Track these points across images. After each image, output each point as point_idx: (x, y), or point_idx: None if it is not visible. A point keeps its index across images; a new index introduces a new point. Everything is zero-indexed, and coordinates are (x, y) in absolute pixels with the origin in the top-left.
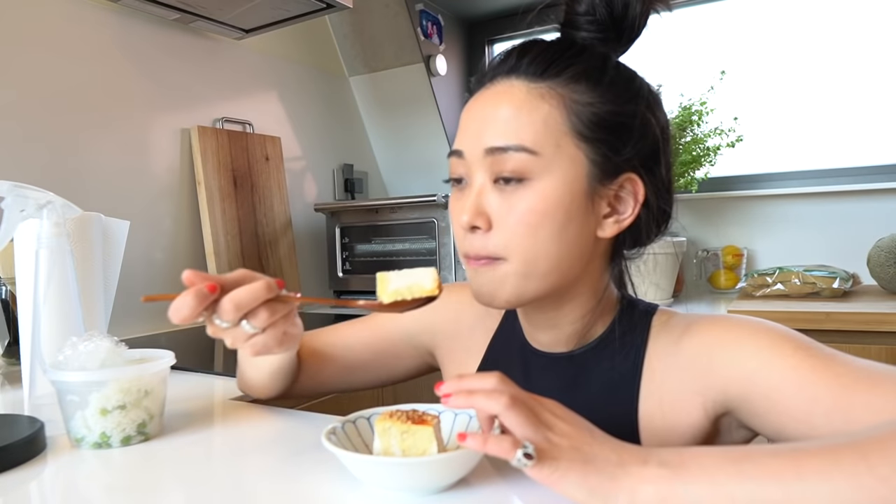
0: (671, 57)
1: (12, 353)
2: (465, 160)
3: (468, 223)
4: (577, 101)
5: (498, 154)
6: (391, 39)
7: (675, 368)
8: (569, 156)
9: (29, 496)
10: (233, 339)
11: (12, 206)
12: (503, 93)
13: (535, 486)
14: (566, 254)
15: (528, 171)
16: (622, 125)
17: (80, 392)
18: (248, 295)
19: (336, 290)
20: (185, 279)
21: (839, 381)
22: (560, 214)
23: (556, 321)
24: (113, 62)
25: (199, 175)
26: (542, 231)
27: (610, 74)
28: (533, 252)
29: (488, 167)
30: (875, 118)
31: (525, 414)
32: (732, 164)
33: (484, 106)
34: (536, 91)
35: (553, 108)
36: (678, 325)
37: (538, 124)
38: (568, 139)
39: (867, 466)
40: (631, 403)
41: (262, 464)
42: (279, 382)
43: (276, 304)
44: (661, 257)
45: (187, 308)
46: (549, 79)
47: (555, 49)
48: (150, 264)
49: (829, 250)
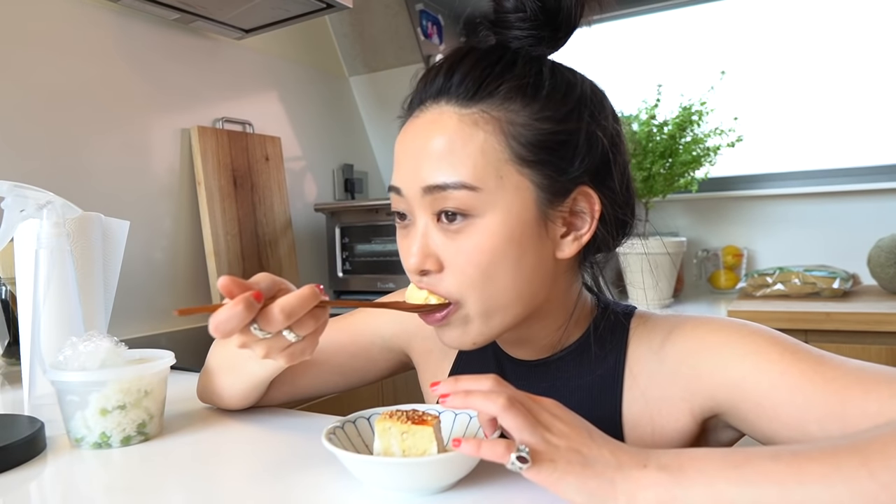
0: (671, 57)
1: (12, 353)
2: (404, 198)
3: (417, 266)
4: (513, 122)
5: (437, 192)
6: (391, 39)
7: (659, 374)
8: (513, 185)
9: (29, 496)
10: (268, 350)
11: (12, 206)
12: (433, 122)
13: (535, 485)
14: (526, 284)
15: (471, 208)
16: (565, 142)
17: (80, 392)
18: (297, 302)
19: (336, 290)
20: (222, 287)
21: (831, 386)
22: (512, 249)
23: (528, 337)
24: (113, 62)
25: (199, 175)
26: (496, 269)
27: (546, 86)
28: (489, 292)
29: (428, 205)
30: (875, 118)
31: (522, 415)
32: (732, 164)
33: (415, 138)
34: (469, 118)
35: (489, 134)
36: (659, 328)
37: (475, 156)
38: (509, 167)
39: (868, 472)
40: (614, 408)
41: (263, 464)
42: (259, 393)
43: (318, 311)
44: (661, 257)
45: (237, 319)
46: (482, 101)
47: (484, 63)
48: (150, 264)
49: (829, 250)
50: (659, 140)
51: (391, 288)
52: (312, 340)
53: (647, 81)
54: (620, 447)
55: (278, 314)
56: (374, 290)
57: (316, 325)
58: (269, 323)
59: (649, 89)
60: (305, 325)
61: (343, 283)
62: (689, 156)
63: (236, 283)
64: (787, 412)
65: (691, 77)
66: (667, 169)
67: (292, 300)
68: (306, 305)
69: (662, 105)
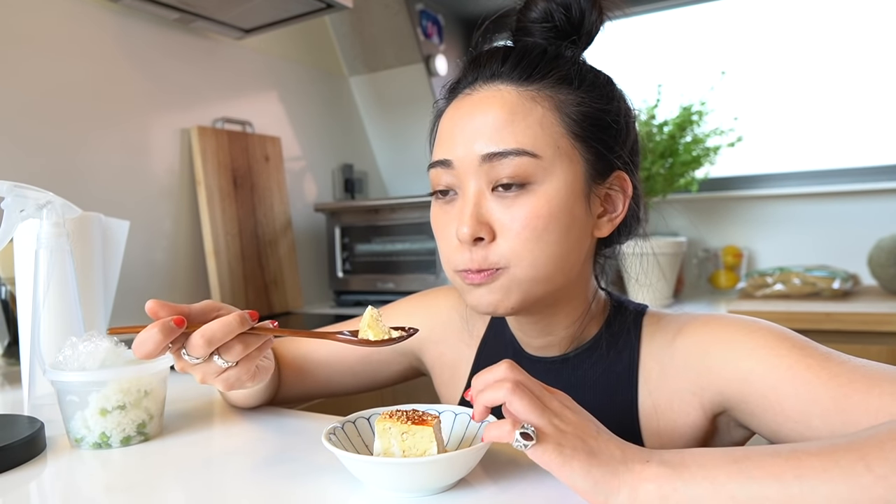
0: (671, 57)
1: (12, 353)
2: (453, 170)
3: (471, 235)
4: (566, 101)
5: (496, 160)
6: (391, 39)
7: (671, 368)
8: (567, 156)
9: (29, 496)
10: (203, 375)
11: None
12: (492, 97)
13: (535, 486)
14: (568, 255)
15: (529, 175)
16: (610, 124)
17: (79, 392)
18: (221, 329)
19: (336, 290)
20: (149, 310)
21: (836, 381)
22: (564, 217)
23: (550, 328)
24: (113, 62)
25: (199, 175)
26: (548, 235)
27: (588, 77)
28: (539, 257)
29: (484, 174)
30: (875, 118)
31: (528, 398)
32: (732, 164)
33: (471, 112)
34: (527, 94)
35: (546, 109)
36: (671, 325)
37: (535, 127)
38: (565, 140)
39: (865, 466)
40: (630, 404)
41: (262, 464)
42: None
43: (250, 337)
44: (661, 257)
45: (152, 342)
46: (536, 82)
47: (534, 54)
48: (150, 264)
49: (829, 250)
50: (659, 140)
51: (391, 288)
52: (246, 366)
53: (647, 81)
54: (625, 444)
55: (198, 339)
56: (374, 290)
57: (245, 350)
58: (192, 348)
59: (649, 89)
60: (233, 351)
61: (343, 283)
62: (689, 156)
63: (162, 305)
64: (792, 405)
65: (691, 77)
66: (667, 169)
67: (214, 326)
68: (230, 332)
69: (662, 105)
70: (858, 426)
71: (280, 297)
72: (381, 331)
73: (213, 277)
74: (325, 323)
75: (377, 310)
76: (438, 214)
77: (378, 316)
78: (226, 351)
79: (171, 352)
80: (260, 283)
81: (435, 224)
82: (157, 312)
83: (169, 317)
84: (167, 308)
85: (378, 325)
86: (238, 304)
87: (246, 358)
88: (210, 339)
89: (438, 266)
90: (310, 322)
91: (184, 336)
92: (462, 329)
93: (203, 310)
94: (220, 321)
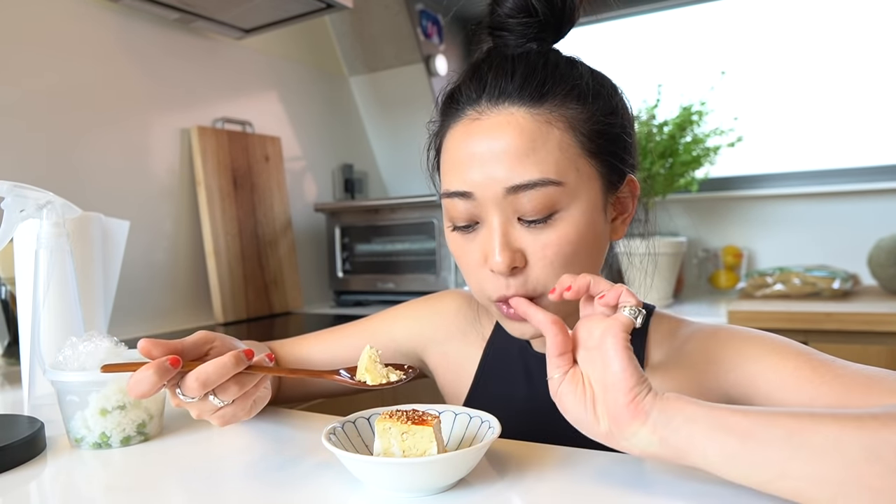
0: (671, 57)
1: (12, 353)
2: (475, 201)
3: (507, 266)
4: (577, 118)
5: (522, 192)
6: (391, 39)
7: (676, 370)
8: (587, 176)
9: (29, 496)
10: (199, 411)
11: (12, 206)
12: (506, 123)
13: (535, 486)
14: (595, 268)
15: (556, 204)
16: (619, 134)
17: (79, 392)
18: (215, 371)
19: (336, 290)
20: (141, 350)
21: (839, 381)
22: (590, 235)
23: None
24: (113, 62)
25: (199, 175)
26: (578, 258)
27: (592, 87)
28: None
29: (509, 205)
30: (875, 118)
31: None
32: (732, 164)
33: (489, 139)
34: (542, 117)
35: (562, 131)
36: (678, 328)
37: (555, 153)
38: (582, 160)
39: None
40: None
41: (262, 464)
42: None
43: (245, 377)
44: (661, 257)
45: (147, 383)
46: (546, 101)
47: (538, 69)
48: (150, 265)
49: (829, 250)
50: (659, 140)
51: (391, 288)
52: (242, 404)
53: (647, 81)
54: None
55: (193, 382)
56: (374, 290)
57: (241, 390)
58: (187, 389)
59: (649, 89)
60: (228, 392)
61: (343, 283)
62: (689, 156)
63: (155, 344)
64: (795, 404)
65: (691, 77)
66: (667, 169)
67: (209, 368)
68: (225, 374)
69: (662, 105)
70: None
71: (280, 297)
72: (379, 374)
73: (213, 277)
74: (325, 323)
75: (375, 350)
76: (461, 244)
77: (376, 357)
78: (221, 392)
79: (167, 387)
80: (260, 283)
81: (458, 253)
82: (151, 352)
83: (163, 356)
84: (160, 347)
85: (376, 367)
86: (238, 304)
87: (242, 396)
88: (205, 382)
89: (438, 266)
90: (310, 322)
91: (179, 374)
92: (468, 330)
93: (196, 343)
94: (216, 363)
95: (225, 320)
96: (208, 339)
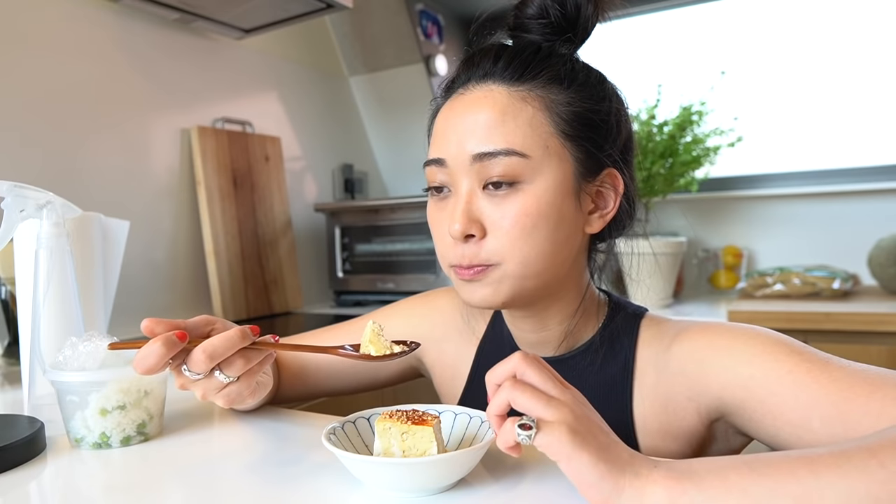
0: (671, 57)
1: (12, 353)
2: (447, 168)
3: (462, 232)
4: (556, 101)
5: (486, 160)
6: (391, 39)
7: (667, 374)
8: (556, 155)
9: (29, 496)
10: (204, 391)
11: (12, 206)
12: (483, 97)
13: (535, 486)
14: (559, 252)
15: (519, 175)
16: (600, 123)
17: (79, 392)
18: (222, 343)
19: (336, 290)
20: (145, 328)
21: (837, 385)
22: (553, 215)
23: (544, 323)
24: (113, 62)
25: (199, 175)
26: (537, 233)
27: (580, 76)
28: (529, 254)
29: (475, 174)
30: (875, 118)
31: (529, 391)
32: (732, 164)
33: (464, 112)
34: (518, 94)
35: (536, 109)
36: (668, 330)
37: (525, 127)
38: (554, 139)
39: (878, 462)
40: (625, 407)
41: (262, 464)
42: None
43: (251, 352)
44: (661, 257)
45: (154, 357)
46: (527, 82)
47: (526, 53)
48: (150, 264)
49: (829, 250)
50: (659, 140)
51: (391, 288)
52: (247, 381)
53: (647, 81)
54: (633, 451)
55: (200, 354)
56: (374, 290)
57: (247, 365)
58: (194, 363)
59: (649, 89)
60: (234, 366)
61: (343, 283)
62: (689, 156)
63: (158, 322)
64: (792, 408)
65: (691, 77)
66: (667, 169)
67: (216, 341)
68: (231, 347)
69: (662, 105)
70: (859, 430)
71: (280, 297)
72: (383, 346)
73: (213, 277)
74: (325, 323)
75: (378, 324)
76: (434, 211)
77: (379, 330)
78: (227, 366)
79: (171, 368)
80: (260, 283)
81: (431, 221)
82: (154, 329)
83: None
84: (163, 324)
85: (379, 340)
86: (238, 304)
87: (247, 373)
88: (212, 354)
89: (438, 266)
90: (310, 322)
91: (183, 352)
92: (463, 328)
93: (198, 324)
94: (222, 336)
95: None
96: (210, 320)
